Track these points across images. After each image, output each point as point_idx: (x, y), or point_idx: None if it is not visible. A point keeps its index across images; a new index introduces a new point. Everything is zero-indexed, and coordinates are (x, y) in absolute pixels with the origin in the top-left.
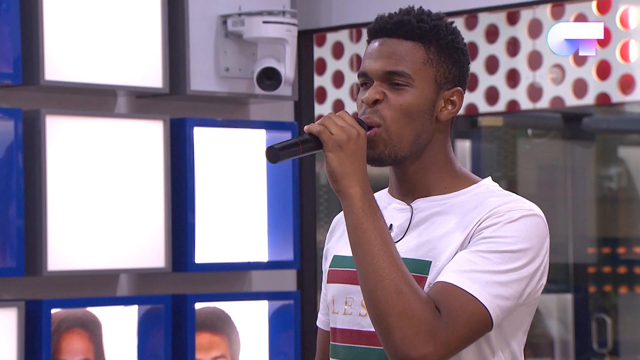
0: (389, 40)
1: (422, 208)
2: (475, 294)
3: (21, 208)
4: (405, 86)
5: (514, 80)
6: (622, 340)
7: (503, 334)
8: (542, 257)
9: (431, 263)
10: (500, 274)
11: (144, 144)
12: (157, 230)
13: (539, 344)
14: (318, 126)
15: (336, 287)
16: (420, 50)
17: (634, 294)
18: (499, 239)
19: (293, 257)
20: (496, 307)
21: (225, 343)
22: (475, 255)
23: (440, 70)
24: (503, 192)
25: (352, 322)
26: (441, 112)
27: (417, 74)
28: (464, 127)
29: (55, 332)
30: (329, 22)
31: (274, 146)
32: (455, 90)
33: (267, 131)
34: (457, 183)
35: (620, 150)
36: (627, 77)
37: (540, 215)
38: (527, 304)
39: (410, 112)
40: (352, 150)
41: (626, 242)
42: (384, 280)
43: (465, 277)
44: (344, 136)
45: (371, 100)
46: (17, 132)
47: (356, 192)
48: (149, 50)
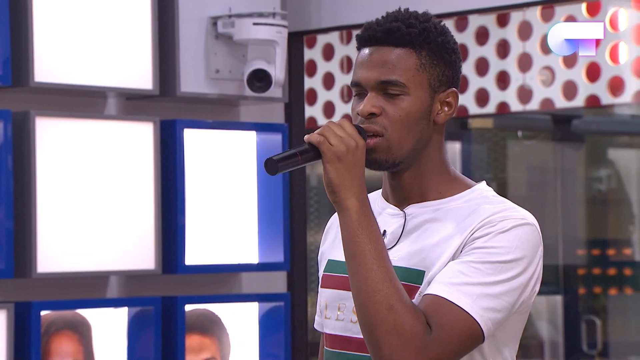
0: (379, 49)
1: (415, 214)
2: (466, 308)
3: (10, 210)
4: (401, 95)
5: (504, 82)
6: (611, 342)
7: (496, 343)
8: (534, 265)
9: (424, 273)
10: (491, 285)
11: (134, 145)
12: (147, 231)
13: (528, 345)
14: (318, 136)
15: (329, 292)
16: (412, 56)
17: (623, 295)
18: (490, 249)
19: (283, 258)
20: (487, 320)
21: (215, 345)
22: (467, 266)
23: (434, 74)
24: (497, 198)
25: (343, 329)
26: (438, 115)
27: (411, 81)
28: (454, 128)
29: (44, 334)
30: (319, 23)
31: (273, 158)
32: (450, 91)
33: (257, 133)
34: (451, 188)
35: (610, 152)
36: (617, 79)
37: (533, 223)
38: (520, 312)
39: (408, 121)
40: (351, 162)
41: (616, 244)
42: (377, 295)
43: (456, 289)
44: (343, 148)
45: (366, 113)
46: (7, 133)
47: (353, 205)
48: (139, 52)
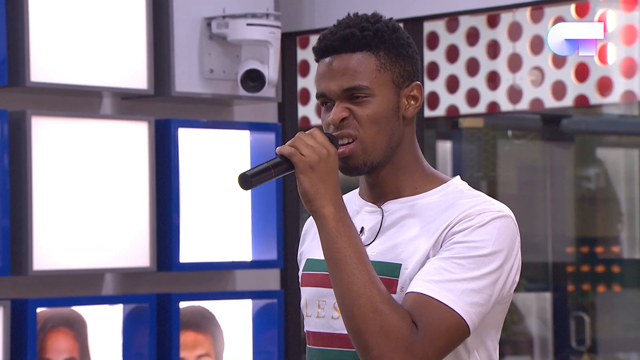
0: (338, 57)
1: (392, 210)
2: (452, 305)
3: (7, 208)
4: (367, 97)
5: (494, 82)
6: (599, 338)
7: (478, 334)
8: (513, 257)
9: (401, 265)
10: (474, 280)
11: (129, 144)
12: (142, 230)
13: (518, 341)
14: (289, 148)
15: (309, 290)
16: (371, 59)
17: (611, 292)
18: (470, 244)
19: (276, 256)
20: (472, 315)
21: (209, 341)
22: (448, 262)
23: (395, 72)
24: (472, 192)
25: (325, 325)
26: (406, 110)
27: (374, 83)
28: (445, 128)
29: (40, 331)
30: (312, 24)
31: (246, 173)
32: (414, 85)
33: (251, 132)
34: (426, 183)
35: (599, 151)
36: (605, 79)
37: (509, 215)
38: (501, 302)
39: (378, 120)
40: (323, 170)
41: (604, 242)
42: (361, 298)
43: (440, 287)
44: (314, 157)
45: (337, 120)
46: (3, 132)
47: (329, 212)
48: (134, 52)
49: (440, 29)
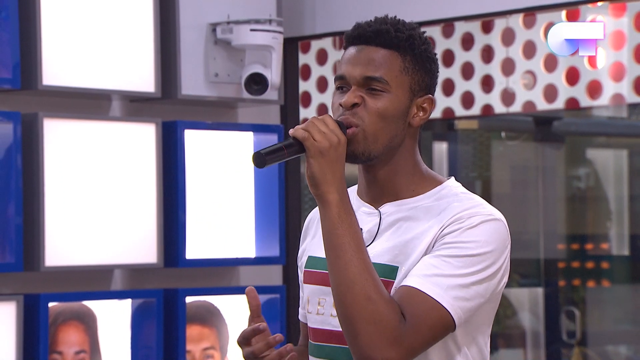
0: (367, 48)
1: (390, 212)
2: (437, 298)
3: (20, 207)
4: (382, 92)
5: (488, 85)
6: (589, 332)
7: (468, 330)
8: (502, 258)
9: (398, 268)
10: (462, 277)
11: (137, 145)
12: (150, 227)
13: (511, 335)
14: (302, 132)
15: (310, 288)
16: (397, 59)
17: (601, 287)
18: (460, 244)
19: (279, 253)
20: (458, 309)
21: (214, 335)
22: (438, 259)
23: (415, 79)
24: (466, 195)
25: (323, 322)
26: (413, 118)
27: (393, 81)
28: (441, 129)
29: (52, 325)
30: (313, 30)
31: (260, 151)
32: (427, 97)
33: (254, 133)
34: (423, 185)
35: (589, 152)
36: (595, 82)
37: (500, 219)
38: (490, 300)
39: (386, 116)
40: (333, 158)
41: (594, 239)
42: (355, 286)
43: (428, 281)
44: (326, 143)
45: (350, 104)
46: (16, 134)
47: (334, 198)
48: (142, 57)
49: (437, 34)
